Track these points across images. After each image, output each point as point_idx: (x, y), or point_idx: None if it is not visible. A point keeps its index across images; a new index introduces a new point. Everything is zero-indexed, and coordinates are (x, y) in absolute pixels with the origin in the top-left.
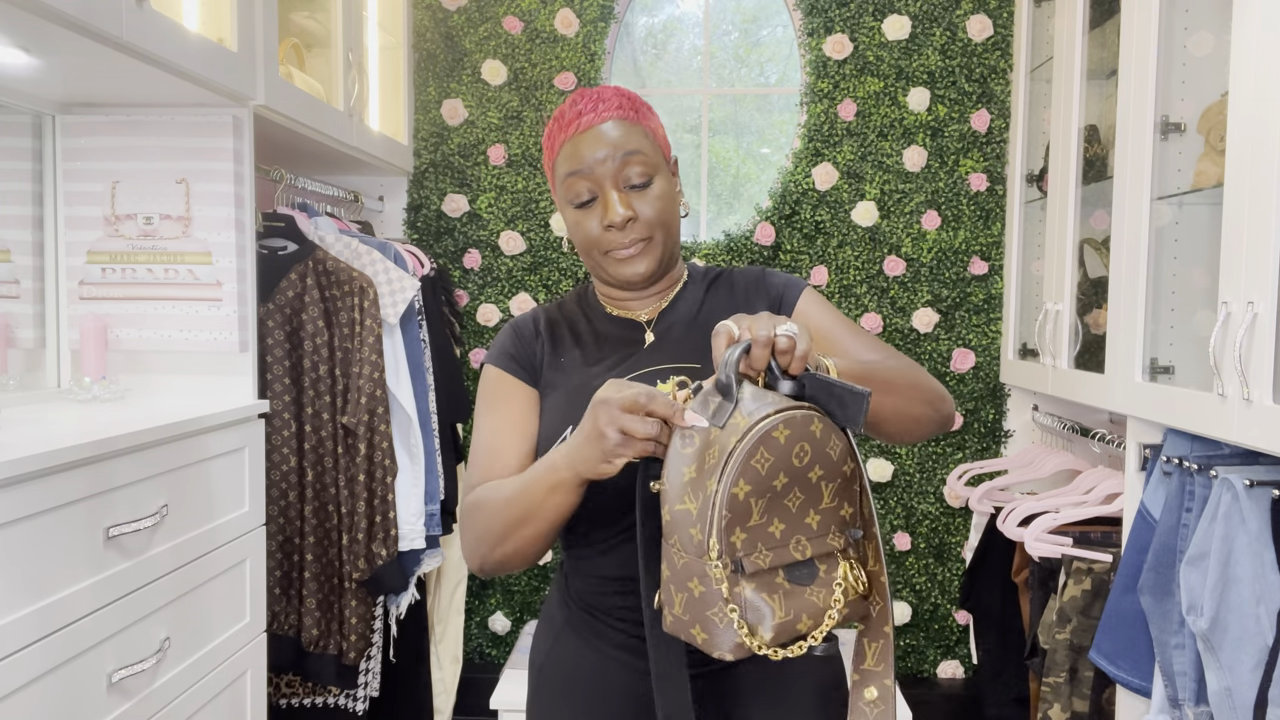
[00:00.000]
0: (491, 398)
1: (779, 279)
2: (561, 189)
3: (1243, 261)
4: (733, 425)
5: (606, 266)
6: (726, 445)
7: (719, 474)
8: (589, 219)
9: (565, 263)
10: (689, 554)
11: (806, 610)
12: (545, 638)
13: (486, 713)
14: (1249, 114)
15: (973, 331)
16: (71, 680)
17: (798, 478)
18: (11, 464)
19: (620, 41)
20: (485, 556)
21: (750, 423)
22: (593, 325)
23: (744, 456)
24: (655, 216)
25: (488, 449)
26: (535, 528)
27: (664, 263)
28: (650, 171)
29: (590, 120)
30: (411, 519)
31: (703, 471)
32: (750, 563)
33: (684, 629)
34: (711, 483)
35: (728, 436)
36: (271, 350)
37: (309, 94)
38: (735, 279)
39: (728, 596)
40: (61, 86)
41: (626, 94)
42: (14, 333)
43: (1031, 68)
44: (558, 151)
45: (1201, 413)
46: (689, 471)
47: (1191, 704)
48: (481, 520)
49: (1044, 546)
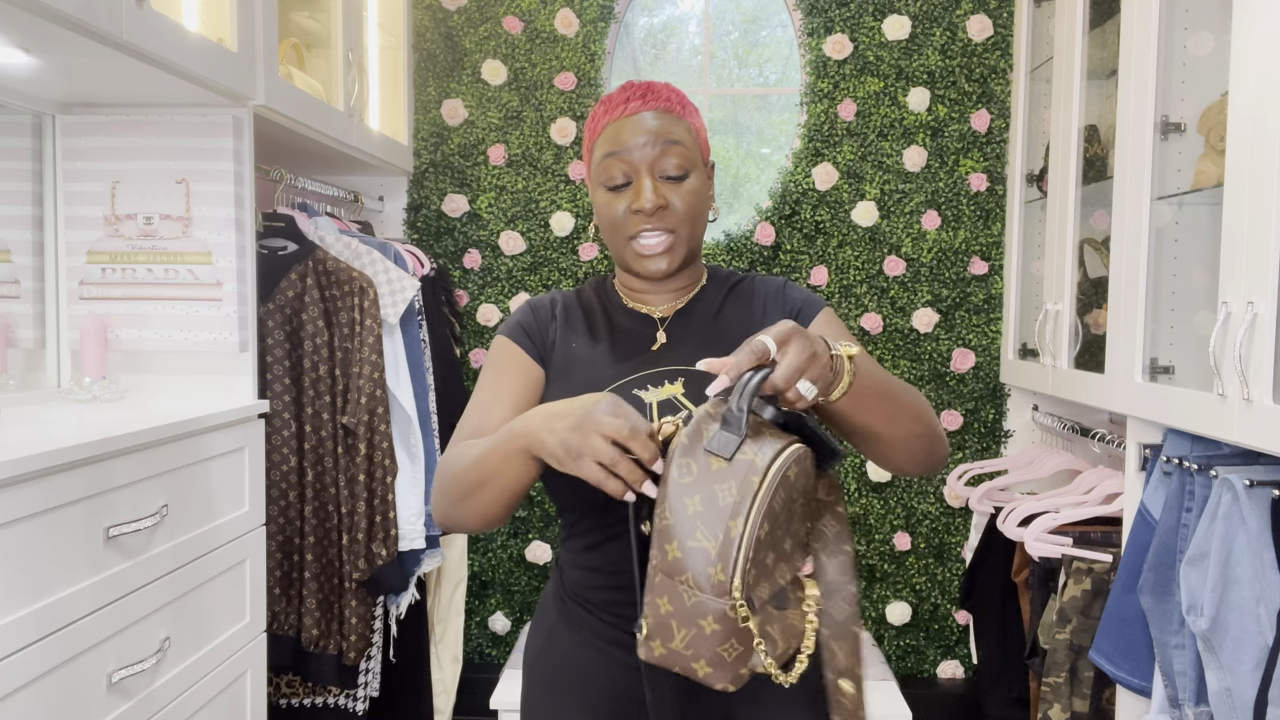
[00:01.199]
0: (496, 364)
1: (799, 294)
2: (597, 170)
3: (1243, 261)
4: (746, 462)
5: (628, 254)
6: (747, 484)
7: (745, 515)
8: (619, 202)
9: (565, 263)
10: (704, 592)
11: (793, 634)
12: (539, 632)
13: (486, 713)
14: (1249, 114)
15: (973, 331)
16: (71, 680)
17: (790, 512)
18: (11, 464)
19: (620, 41)
20: (446, 513)
21: (766, 462)
22: (608, 316)
23: (767, 498)
24: (685, 210)
25: (479, 410)
26: (492, 493)
27: (685, 259)
28: (687, 166)
29: (637, 107)
30: (411, 519)
31: (716, 508)
32: (756, 597)
33: (682, 662)
34: (736, 523)
35: (745, 474)
36: (271, 350)
37: (309, 94)
38: (756, 288)
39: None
40: (61, 86)
41: (676, 90)
42: (14, 333)
43: (1031, 68)
44: (599, 133)
45: (1201, 413)
46: (693, 504)
47: (1191, 704)
48: (447, 476)
49: (1044, 546)
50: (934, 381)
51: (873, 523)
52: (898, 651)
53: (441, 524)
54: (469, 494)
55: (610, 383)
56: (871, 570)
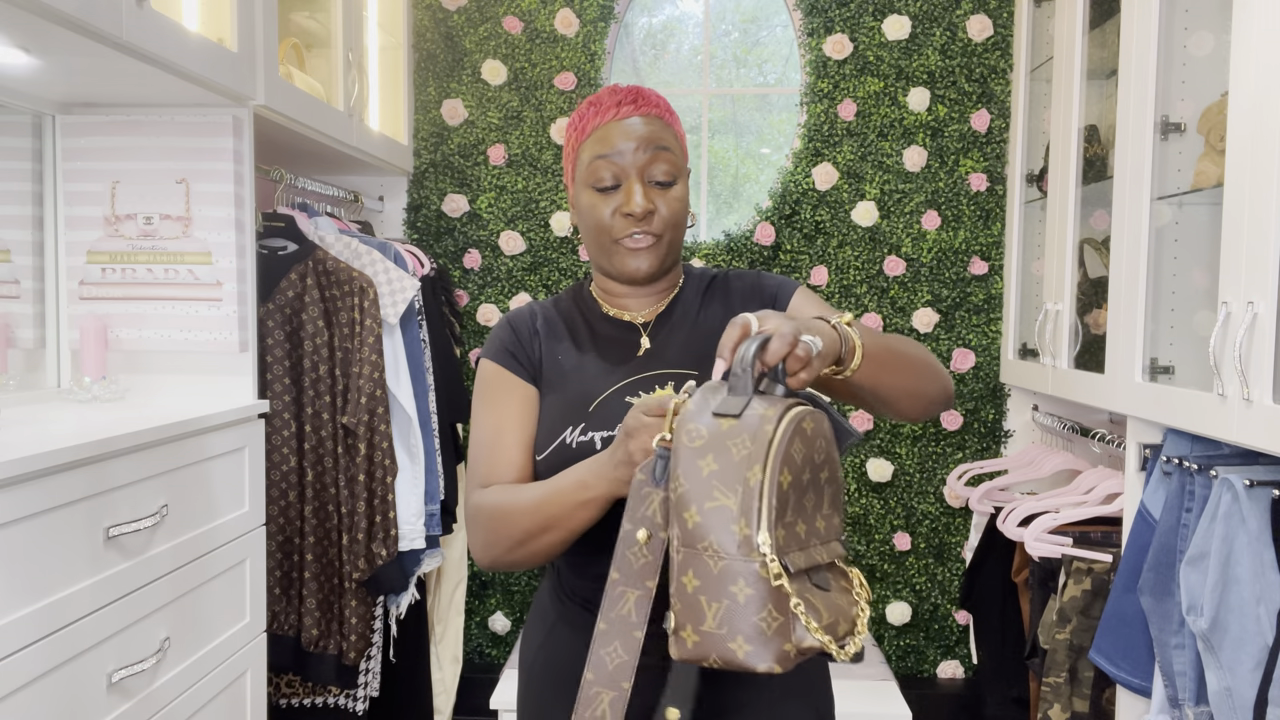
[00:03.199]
0: (490, 394)
1: (773, 281)
2: (584, 172)
3: (1243, 261)
4: (756, 414)
5: (613, 255)
6: (761, 433)
7: (763, 461)
8: (606, 205)
9: (565, 263)
10: (728, 556)
11: (841, 614)
12: (537, 633)
13: (486, 713)
14: (1249, 114)
15: (973, 331)
16: (71, 680)
17: (814, 477)
18: (11, 464)
19: (620, 41)
20: (498, 558)
21: (779, 412)
22: (590, 325)
23: (785, 443)
24: (671, 217)
25: (489, 446)
26: (557, 535)
27: (665, 263)
28: (674, 173)
29: (629, 111)
30: (411, 519)
31: (731, 463)
32: (791, 562)
33: (718, 647)
34: (754, 472)
35: (758, 424)
36: (271, 350)
37: (309, 94)
38: (731, 284)
39: (792, 591)
40: (61, 86)
41: (663, 97)
42: (14, 333)
43: (1031, 68)
44: (587, 135)
45: (1201, 413)
46: (706, 464)
47: (1191, 704)
48: (499, 523)
49: (1044, 546)
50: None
51: (873, 523)
52: (898, 651)
53: (490, 567)
54: (530, 539)
55: (602, 392)
56: (871, 570)
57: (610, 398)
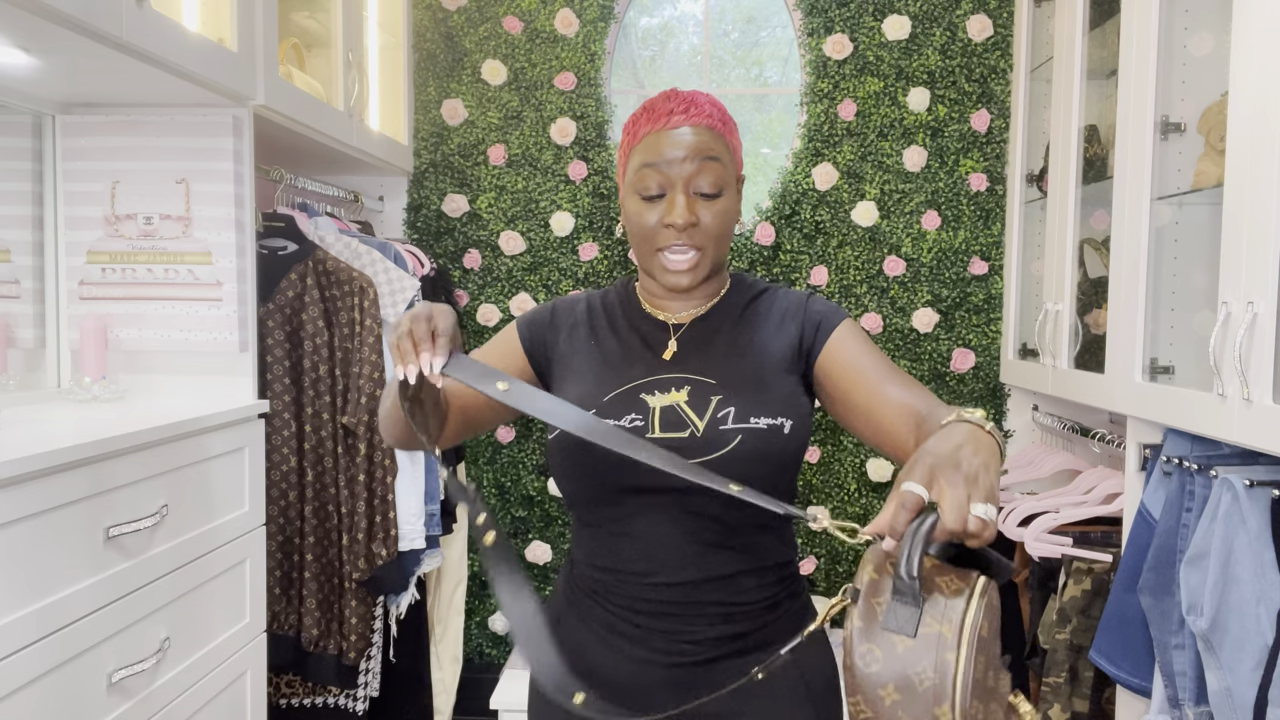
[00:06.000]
0: (496, 340)
1: (820, 306)
2: (632, 178)
3: (1243, 261)
4: (933, 635)
5: (653, 264)
6: (943, 664)
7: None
8: (651, 212)
9: (565, 263)
10: None
11: None
12: (549, 620)
13: (486, 713)
14: (1249, 114)
15: (973, 331)
16: (71, 680)
17: (989, 658)
18: (11, 464)
19: (620, 41)
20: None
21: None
22: (627, 320)
23: (969, 672)
24: (714, 228)
25: None
26: (394, 422)
27: (709, 275)
28: (721, 184)
29: (680, 120)
30: (411, 519)
31: (915, 695)
32: None
33: None
34: (942, 710)
35: (937, 651)
36: (271, 350)
37: (309, 94)
38: (777, 301)
39: None
40: (61, 86)
41: (719, 105)
42: (14, 333)
43: (1031, 68)
44: (639, 140)
45: (1201, 413)
46: (888, 694)
47: (1191, 704)
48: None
49: (1044, 546)
50: (934, 381)
51: None
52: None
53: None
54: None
55: (619, 385)
56: None
57: (627, 391)
